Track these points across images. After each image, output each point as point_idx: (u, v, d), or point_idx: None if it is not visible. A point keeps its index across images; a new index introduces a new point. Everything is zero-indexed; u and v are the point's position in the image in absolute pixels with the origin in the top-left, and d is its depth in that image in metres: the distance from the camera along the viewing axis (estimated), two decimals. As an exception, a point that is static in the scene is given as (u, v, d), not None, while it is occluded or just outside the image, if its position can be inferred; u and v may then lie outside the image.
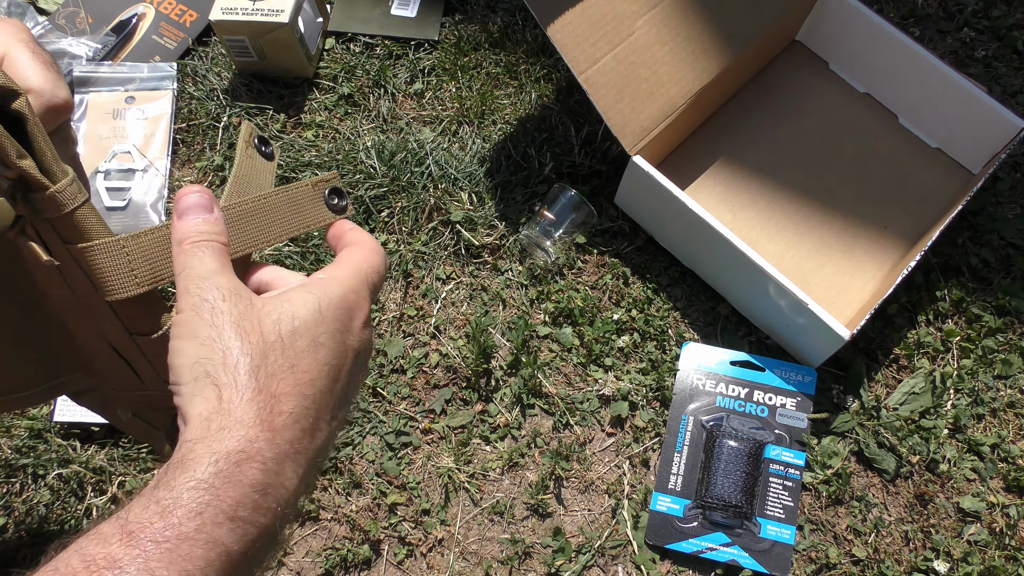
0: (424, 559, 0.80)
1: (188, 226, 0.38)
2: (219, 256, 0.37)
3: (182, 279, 0.36)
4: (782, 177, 0.97)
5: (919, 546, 0.81)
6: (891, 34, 0.93)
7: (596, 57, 0.81)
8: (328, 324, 0.36)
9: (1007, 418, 0.86)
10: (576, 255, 0.93)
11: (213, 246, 0.37)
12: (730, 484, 0.81)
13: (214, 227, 0.38)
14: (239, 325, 0.34)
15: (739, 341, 0.90)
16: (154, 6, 1.09)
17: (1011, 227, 0.94)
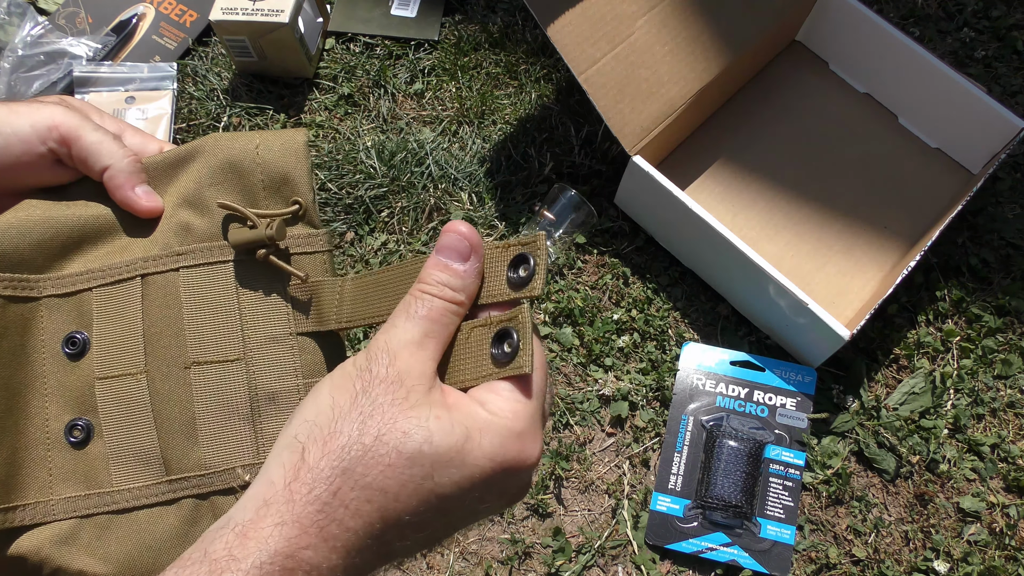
0: (424, 559, 0.80)
1: (427, 271, 0.33)
2: (430, 322, 0.32)
3: (380, 331, 0.32)
4: (782, 177, 0.97)
5: (919, 546, 0.81)
6: (891, 34, 0.93)
7: (596, 57, 0.81)
8: (459, 469, 0.29)
9: (1007, 418, 0.86)
10: (576, 255, 0.93)
11: (433, 304, 0.32)
12: (730, 484, 0.81)
13: (454, 280, 0.32)
14: (371, 415, 0.29)
15: (739, 341, 0.90)
16: (154, 6, 1.09)
17: (1011, 227, 0.94)
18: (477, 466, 0.29)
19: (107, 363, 0.38)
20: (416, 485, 0.29)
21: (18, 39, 1.03)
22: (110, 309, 0.38)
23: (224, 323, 0.38)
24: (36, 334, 0.38)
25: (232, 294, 0.39)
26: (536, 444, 0.31)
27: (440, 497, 0.29)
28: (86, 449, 0.38)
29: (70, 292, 0.38)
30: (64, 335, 0.38)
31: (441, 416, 0.29)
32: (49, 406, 0.38)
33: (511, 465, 0.30)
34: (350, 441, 0.29)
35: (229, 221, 0.39)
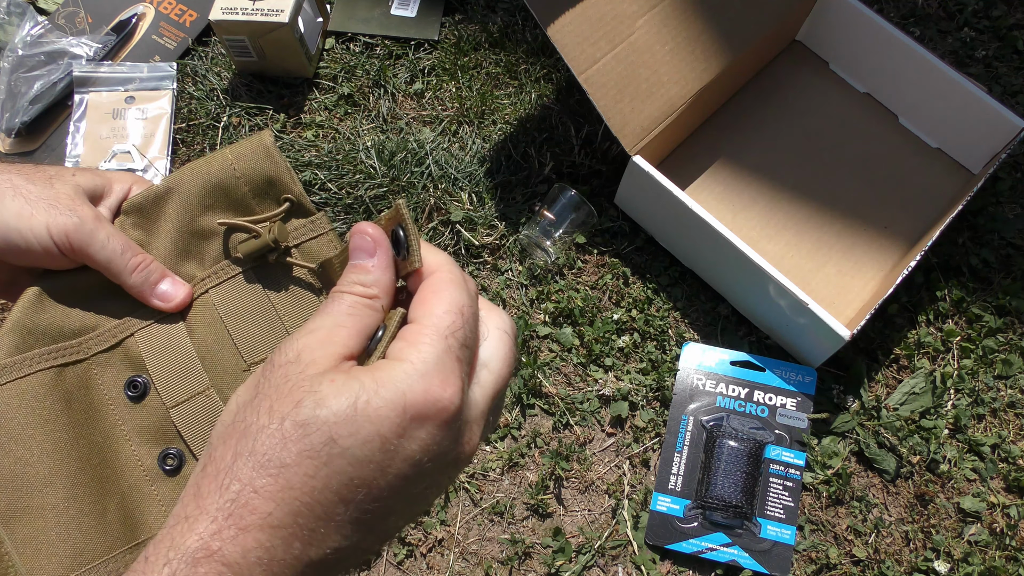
0: (424, 559, 0.80)
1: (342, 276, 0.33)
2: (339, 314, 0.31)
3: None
4: (782, 177, 0.97)
5: (919, 546, 0.81)
6: (891, 34, 0.93)
7: (596, 57, 0.81)
8: (362, 425, 0.27)
9: (1007, 418, 0.86)
10: (576, 255, 0.93)
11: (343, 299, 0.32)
12: (730, 484, 0.81)
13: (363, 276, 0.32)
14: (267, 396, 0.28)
15: (739, 341, 0.90)
16: (154, 6, 1.09)
17: (1011, 227, 0.94)
18: (381, 418, 0.27)
19: (174, 392, 0.40)
20: (318, 452, 0.27)
21: (18, 39, 1.03)
22: (157, 345, 0.41)
23: (266, 324, 0.41)
24: (98, 389, 0.40)
25: (262, 297, 0.41)
26: (448, 385, 0.28)
27: (356, 462, 0.27)
28: (183, 472, 0.40)
29: (114, 344, 0.40)
30: (123, 382, 0.40)
31: (335, 379, 0.28)
32: (135, 447, 0.40)
33: (419, 410, 0.28)
34: (248, 425, 0.28)
35: (230, 235, 0.41)
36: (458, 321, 0.30)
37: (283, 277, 0.41)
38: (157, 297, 0.40)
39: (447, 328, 0.30)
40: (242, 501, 0.27)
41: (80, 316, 0.40)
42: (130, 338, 0.41)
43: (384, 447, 0.27)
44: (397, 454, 0.28)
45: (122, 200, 0.41)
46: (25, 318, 0.39)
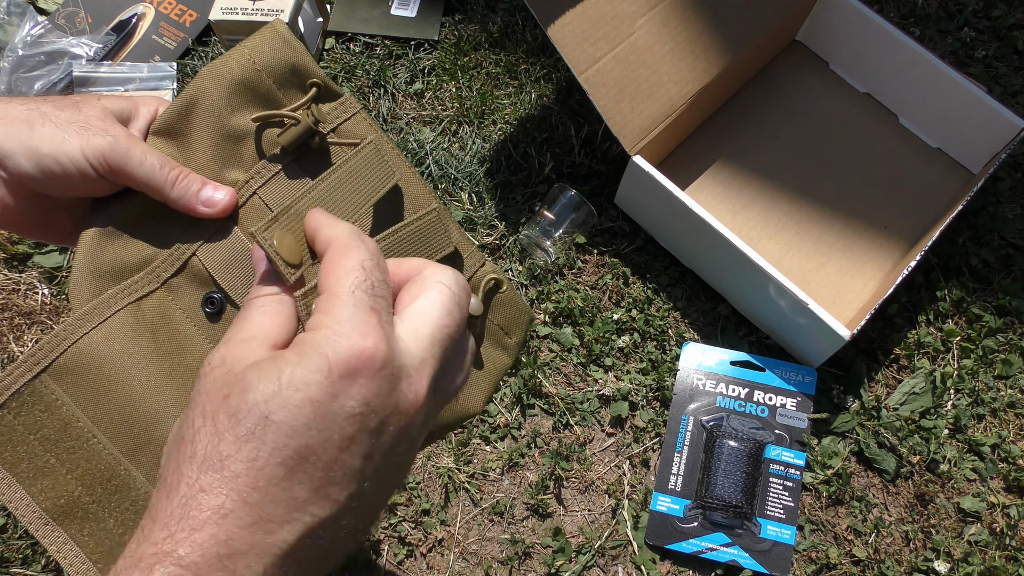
0: (424, 559, 0.80)
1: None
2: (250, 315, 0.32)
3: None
4: (782, 177, 0.97)
5: (919, 546, 0.81)
6: (891, 34, 0.93)
7: (596, 57, 0.81)
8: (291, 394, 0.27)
9: (1007, 418, 0.86)
10: (576, 255, 0.93)
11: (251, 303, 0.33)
12: (730, 484, 0.81)
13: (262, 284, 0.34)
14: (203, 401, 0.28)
15: (739, 341, 0.90)
16: (154, 6, 1.09)
17: (1011, 227, 0.94)
18: (308, 384, 0.27)
19: None
20: (254, 434, 0.27)
21: (18, 39, 1.03)
22: (221, 258, 0.40)
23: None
24: (177, 315, 0.40)
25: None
26: (367, 335, 0.28)
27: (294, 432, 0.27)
28: None
29: (180, 267, 0.40)
30: (199, 302, 0.40)
31: (260, 365, 0.28)
32: None
33: (345, 366, 0.27)
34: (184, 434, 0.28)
35: (262, 133, 0.40)
36: (360, 275, 0.30)
37: (324, 164, 0.40)
38: (202, 204, 0.39)
39: (351, 285, 0.30)
40: (191, 502, 0.26)
41: (139, 247, 0.40)
42: (192, 258, 0.40)
43: (318, 411, 0.27)
44: (335, 414, 0.27)
45: (150, 122, 0.41)
46: (90, 261, 0.38)
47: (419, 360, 0.30)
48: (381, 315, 0.29)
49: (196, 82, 0.40)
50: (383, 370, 0.28)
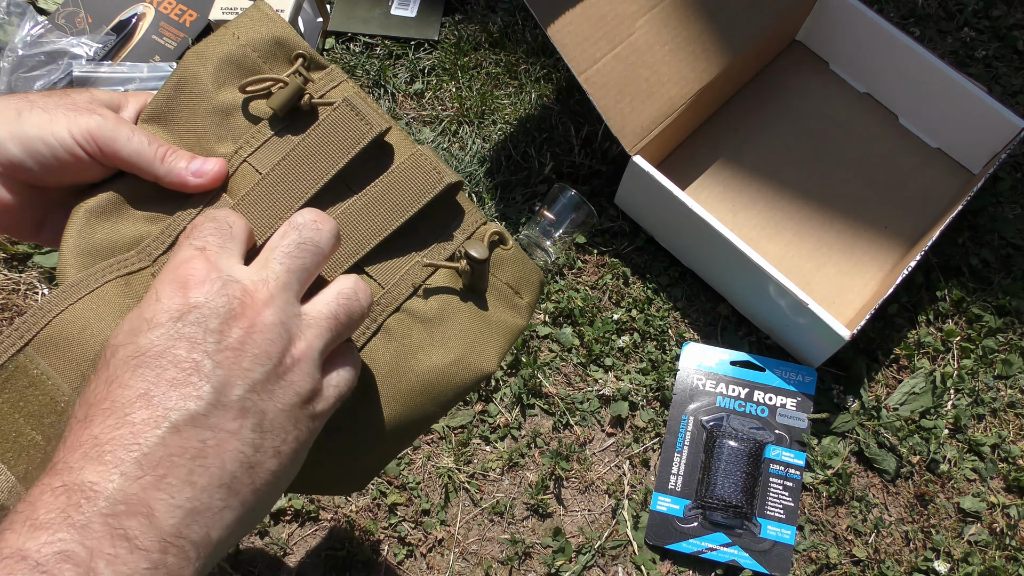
0: (424, 559, 0.80)
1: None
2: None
3: None
4: (782, 177, 0.97)
5: (919, 546, 0.81)
6: (891, 34, 0.93)
7: (596, 57, 0.81)
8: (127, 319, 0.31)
9: (1007, 418, 0.86)
10: (576, 255, 0.93)
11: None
12: (730, 484, 0.81)
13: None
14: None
15: (739, 341, 0.90)
16: (154, 6, 1.09)
17: (1011, 227, 0.94)
18: (142, 308, 0.30)
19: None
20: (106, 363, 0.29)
21: (18, 39, 1.03)
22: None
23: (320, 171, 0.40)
24: None
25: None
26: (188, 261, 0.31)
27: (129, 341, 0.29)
28: None
29: (171, 243, 0.39)
30: None
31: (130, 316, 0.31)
32: None
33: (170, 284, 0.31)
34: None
35: (249, 105, 0.40)
36: (192, 230, 0.33)
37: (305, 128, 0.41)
38: (192, 175, 0.39)
39: (186, 232, 0.33)
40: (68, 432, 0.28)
41: (129, 226, 0.39)
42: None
43: (152, 321, 0.30)
44: (166, 321, 0.30)
45: (139, 111, 0.41)
46: (79, 240, 0.38)
47: (262, 275, 0.32)
48: (207, 248, 0.32)
49: (183, 64, 0.40)
50: (207, 280, 0.31)
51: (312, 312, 0.33)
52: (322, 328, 0.33)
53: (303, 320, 0.32)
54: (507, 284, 0.42)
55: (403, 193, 0.39)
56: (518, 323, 0.43)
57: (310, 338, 0.32)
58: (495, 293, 0.42)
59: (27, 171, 0.37)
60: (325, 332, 0.33)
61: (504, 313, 0.42)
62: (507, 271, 0.42)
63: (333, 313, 0.33)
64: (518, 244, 0.41)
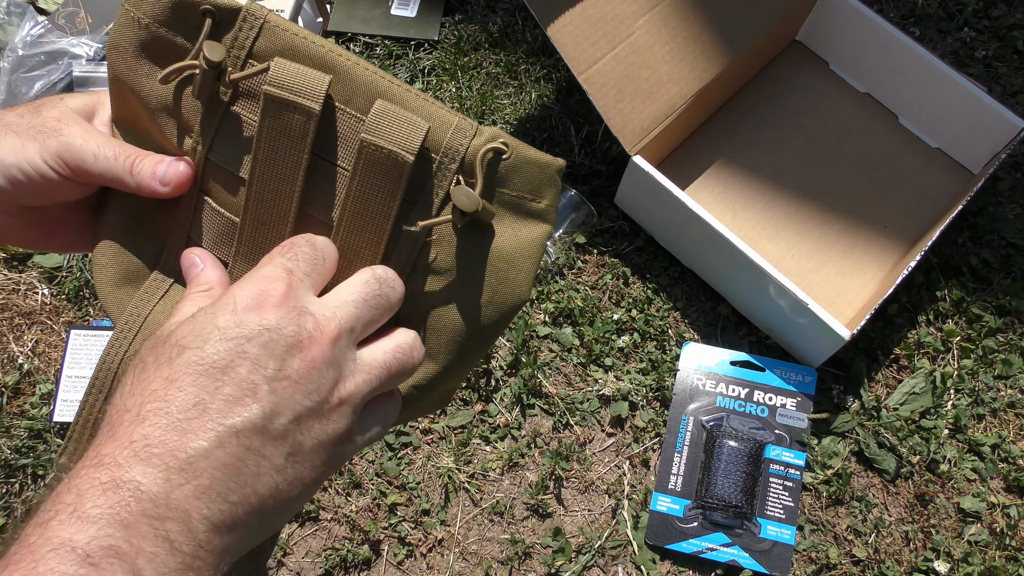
0: (424, 559, 0.80)
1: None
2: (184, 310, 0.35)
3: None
4: (782, 177, 0.97)
5: (919, 546, 0.81)
6: (891, 34, 0.93)
7: (596, 57, 0.81)
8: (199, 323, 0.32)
9: (1007, 418, 0.86)
10: (576, 255, 0.93)
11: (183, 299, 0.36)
12: (730, 484, 0.81)
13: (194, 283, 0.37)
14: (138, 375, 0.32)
15: (739, 341, 0.90)
16: (154, 6, 1.09)
17: (1011, 227, 0.94)
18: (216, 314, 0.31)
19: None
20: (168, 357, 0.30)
21: (18, 39, 1.03)
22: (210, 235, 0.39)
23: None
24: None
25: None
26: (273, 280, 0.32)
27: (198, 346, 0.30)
28: None
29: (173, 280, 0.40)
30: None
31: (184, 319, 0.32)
32: None
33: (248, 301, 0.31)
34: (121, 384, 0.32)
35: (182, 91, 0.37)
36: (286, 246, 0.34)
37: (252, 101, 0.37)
38: (160, 184, 0.38)
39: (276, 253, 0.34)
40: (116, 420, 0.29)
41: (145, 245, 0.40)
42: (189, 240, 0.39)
43: (225, 335, 0.30)
44: (238, 337, 0.30)
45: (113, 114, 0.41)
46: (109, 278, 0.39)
47: (332, 309, 0.33)
48: (294, 273, 0.33)
49: (109, 65, 0.38)
50: (284, 304, 0.31)
51: (367, 358, 0.34)
52: (372, 376, 0.34)
53: (357, 364, 0.33)
54: (520, 194, 0.38)
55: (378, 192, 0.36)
56: (541, 231, 0.39)
57: (359, 383, 0.33)
58: (506, 210, 0.38)
59: (13, 196, 0.38)
60: (374, 380, 0.34)
61: (521, 230, 0.39)
62: (515, 181, 0.38)
63: (386, 364, 0.34)
64: (517, 140, 0.38)
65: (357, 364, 0.33)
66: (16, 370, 0.87)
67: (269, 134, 0.36)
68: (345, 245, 0.37)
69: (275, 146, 0.36)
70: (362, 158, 0.36)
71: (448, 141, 0.37)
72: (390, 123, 0.35)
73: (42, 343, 0.89)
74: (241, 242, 0.38)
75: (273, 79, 0.35)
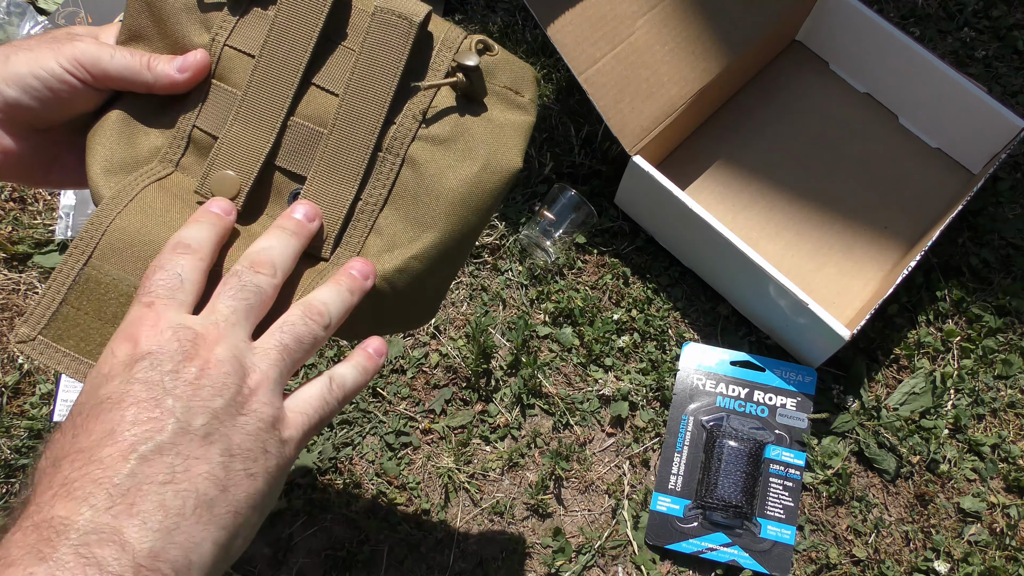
0: (424, 559, 0.80)
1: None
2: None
3: None
4: (782, 177, 0.97)
5: (919, 546, 0.81)
6: (891, 34, 0.93)
7: (596, 57, 0.81)
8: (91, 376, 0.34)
9: (1007, 418, 0.86)
10: (576, 255, 0.93)
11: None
12: (730, 484, 0.81)
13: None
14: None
15: (739, 341, 0.90)
16: (154, 6, 1.09)
17: (1011, 227, 0.94)
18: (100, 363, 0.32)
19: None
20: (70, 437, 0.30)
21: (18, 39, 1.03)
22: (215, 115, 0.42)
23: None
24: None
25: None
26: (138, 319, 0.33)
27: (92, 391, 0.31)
28: None
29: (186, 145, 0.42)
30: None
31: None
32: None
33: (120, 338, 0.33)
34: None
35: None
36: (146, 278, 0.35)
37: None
38: (179, 71, 0.40)
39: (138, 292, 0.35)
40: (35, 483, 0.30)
41: (144, 141, 0.41)
42: (193, 131, 0.41)
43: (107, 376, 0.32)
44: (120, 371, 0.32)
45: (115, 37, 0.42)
46: (103, 163, 0.40)
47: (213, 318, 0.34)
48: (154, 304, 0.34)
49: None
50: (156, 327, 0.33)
51: (263, 346, 0.35)
52: (273, 358, 0.35)
53: (256, 354, 0.34)
54: (505, 87, 0.44)
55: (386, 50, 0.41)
56: (527, 119, 0.44)
57: (264, 368, 0.34)
58: (496, 98, 0.44)
59: (27, 109, 0.38)
60: (278, 361, 0.35)
61: (511, 114, 0.44)
62: (501, 75, 0.44)
63: (280, 343, 0.35)
64: (503, 48, 0.44)
65: (256, 353, 0.34)
66: (16, 370, 0.87)
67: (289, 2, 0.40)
68: (350, 110, 0.41)
69: (294, 11, 0.40)
70: (375, 22, 0.40)
71: (446, 35, 0.43)
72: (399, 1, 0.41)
73: (42, 343, 0.89)
74: (242, 105, 0.41)
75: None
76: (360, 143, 0.41)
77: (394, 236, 0.42)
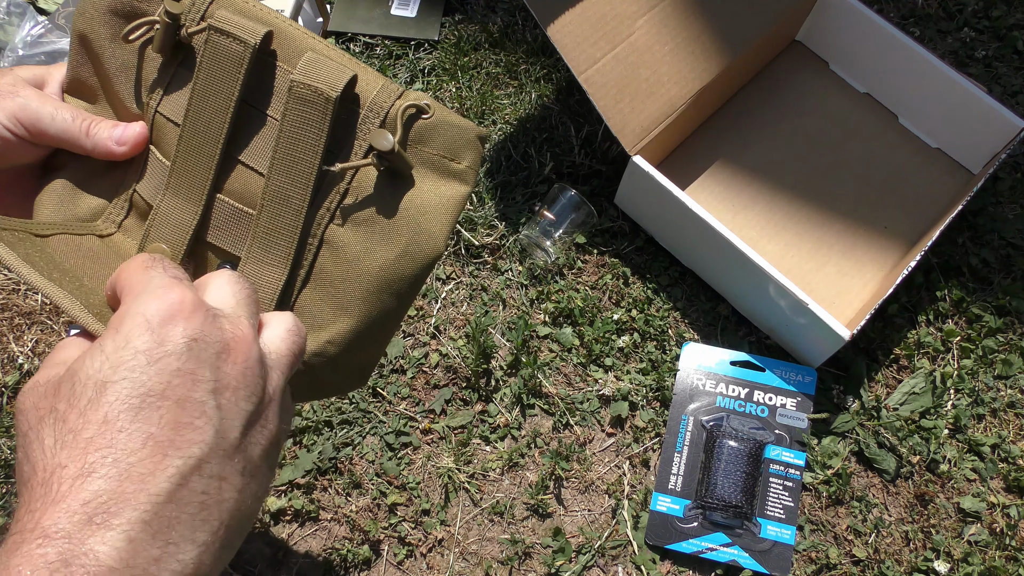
0: (424, 559, 0.80)
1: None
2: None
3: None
4: (782, 177, 0.97)
5: (919, 546, 0.81)
6: (891, 34, 0.93)
7: (596, 57, 0.81)
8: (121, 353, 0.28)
9: (1007, 418, 0.86)
10: (576, 255, 0.93)
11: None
12: (730, 484, 0.81)
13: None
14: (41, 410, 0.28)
15: (739, 341, 0.90)
16: (154, 6, 1.09)
17: (1011, 227, 0.94)
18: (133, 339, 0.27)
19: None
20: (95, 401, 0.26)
21: (18, 39, 1.03)
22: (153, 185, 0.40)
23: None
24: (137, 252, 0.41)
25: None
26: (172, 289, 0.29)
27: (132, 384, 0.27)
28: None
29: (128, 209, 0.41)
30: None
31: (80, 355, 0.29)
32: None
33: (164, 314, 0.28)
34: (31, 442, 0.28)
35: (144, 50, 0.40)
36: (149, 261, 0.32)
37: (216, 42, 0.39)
38: (116, 144, 0.39)
39: (144, 266, 0.32)
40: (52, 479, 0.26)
41: (89, 201, 0.40)
42: (134, 196, 0.41)
43: (151, 356, 0.27)
44: (168, 355, 0.27)
45: (63, 84, 0.42)
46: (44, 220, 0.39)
47: (231, 308, 0.31)
48: (181, 280, 0.31)
49: (74, 30, 0.40)
50: (199, 310, 0.29)
51: (276, 350, 0.32)
52: (284, 365, 0.32)
53: (271, 357, 0.32)
54: (439, 155, 0.40)
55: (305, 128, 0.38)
56: (460, 191, 0.41)
57: (278, 375, 0.31)
58: (428, 169, 0.40)
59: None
60: (287, 369, 0.32)
61: (441, 187, 0.40)
62: (436, 140, 0.40)
63: (291, 350, 0.33)
64: (442, 105, 0.40)
65: (272, 356, 0.32)
66: (16, 370, 0.87)
67: (208, 65, 0.38)
68: (276, 191, 0.39)
69: (211, 77, 0.38)
70: (292, 97, 0.38)
71: (374, 98, 0.39)
72: (318, 68, 0.38)
73: (42, 343, 0.89)
74: (171, 177, 0.39)
75: (219, 20, 0.38)
76: (288, 226, 0.39)
77: (314, 317, 0.40)
